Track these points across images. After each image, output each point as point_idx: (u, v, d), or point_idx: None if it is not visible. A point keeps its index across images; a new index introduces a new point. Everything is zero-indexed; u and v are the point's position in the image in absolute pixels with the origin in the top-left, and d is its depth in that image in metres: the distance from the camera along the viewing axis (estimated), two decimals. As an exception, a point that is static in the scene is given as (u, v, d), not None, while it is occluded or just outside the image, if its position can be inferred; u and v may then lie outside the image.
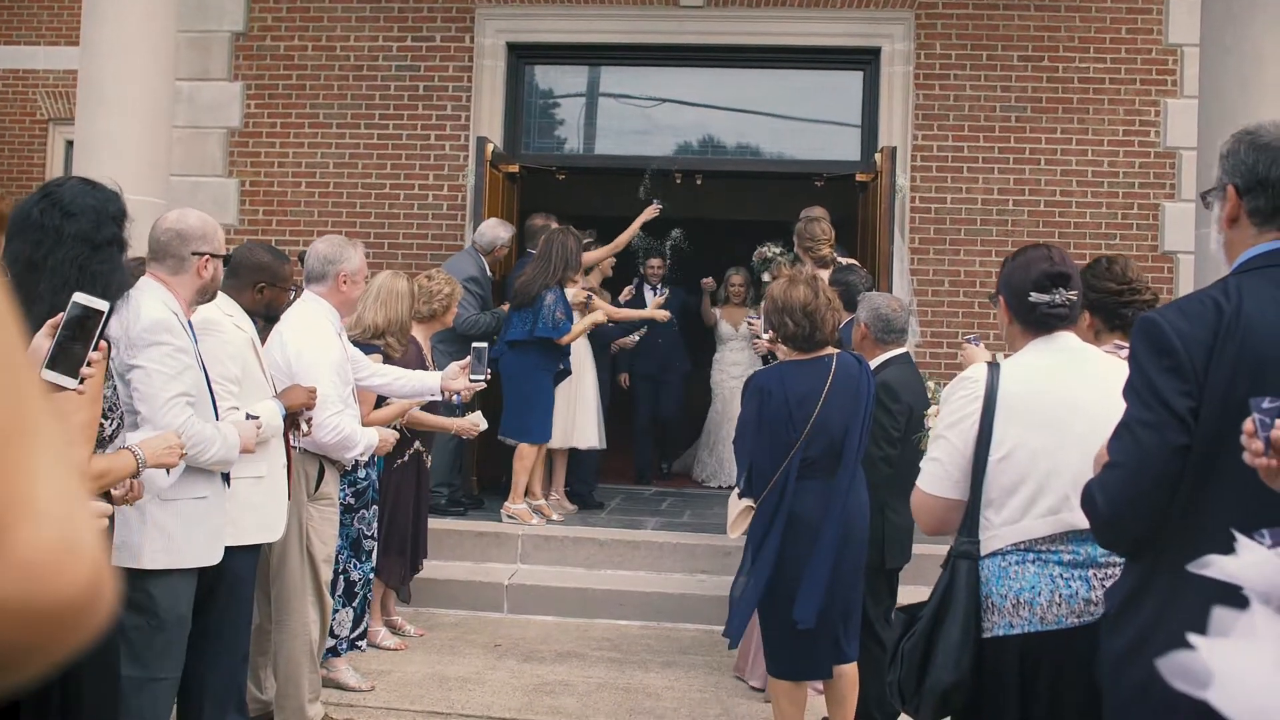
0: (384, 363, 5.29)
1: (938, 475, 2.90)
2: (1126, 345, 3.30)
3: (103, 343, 2.49)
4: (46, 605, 0.58)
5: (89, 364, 2.47)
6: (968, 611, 2.76)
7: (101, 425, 2.84)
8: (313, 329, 4.54)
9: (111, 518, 3.04)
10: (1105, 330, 3.45)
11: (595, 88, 9.54)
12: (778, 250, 8.26)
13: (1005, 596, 2.75)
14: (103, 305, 2.47)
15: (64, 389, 2.48)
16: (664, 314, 8.25)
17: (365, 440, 4.65)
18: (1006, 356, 3.00)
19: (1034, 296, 2.89)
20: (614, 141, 9.42)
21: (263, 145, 9.21)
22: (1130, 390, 2.20)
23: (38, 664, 0.60)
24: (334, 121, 9.13)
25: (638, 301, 9.13)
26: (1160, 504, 2.12)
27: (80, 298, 2.47)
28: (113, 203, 2.95)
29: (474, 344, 5.40)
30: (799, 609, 4.10)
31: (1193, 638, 1.26)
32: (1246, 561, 1.51)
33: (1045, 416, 2.80)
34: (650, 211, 8.35)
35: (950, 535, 2.94)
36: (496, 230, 7.83)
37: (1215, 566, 1.57)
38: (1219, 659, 1.22)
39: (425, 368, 5.78)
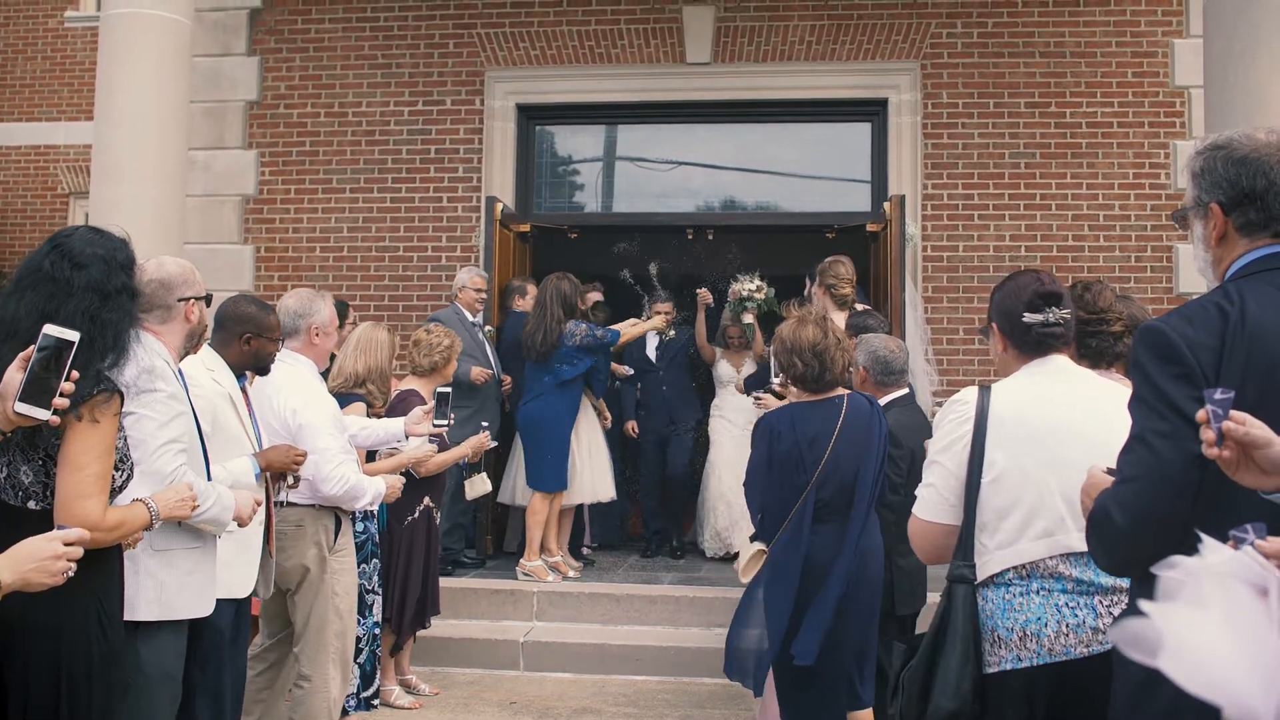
0: (366, 412, 5.31)
1: (932, 501, 2.85)
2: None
3: (74, 373, 2.47)
4: None
5: (61, 394, 2.45)
6: (966, 637, 2.69)
7: (113, 476, 2.83)
8: (303, 386, 4.56)
9: (122, 566, 3.01)
10: (1074, 358, 3.37)
11: (605, 146, 9.62)
12: (753, 288, 7.99)
13: (1011, 629, 2.68)
14: (73, 336, 2.46)
15: (37, 420, 2.46)
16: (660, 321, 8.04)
17: (373, 489, 4.63)
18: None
19: (1028, 317, 2.86)
20: (625, 199, 9.46)
21: (277, 211, 9.31)
22: (1138, 402, 2.10)
23: None
24: (347, 186, 9.23)
25: (639, 345, 8.64)
26: (1180, 517, 1.99)
27: (51, 329, 2.46)
28: (121, 250, 2.95)
29: (437, 389, 5.43)
30: (799, 644, 4.01)
31: (1143, 604, 1.21)
32: (1211, 561, 1.46)
33: (1036, 438, 2.74)
34: (658, 323, 8.06)
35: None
36: (460, 274, 7.95)
37: (1181, 568, 1.52)
38: (1168, 624, 1.17)
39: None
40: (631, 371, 8.49)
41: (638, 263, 8.95)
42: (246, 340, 4.05)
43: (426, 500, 5.80)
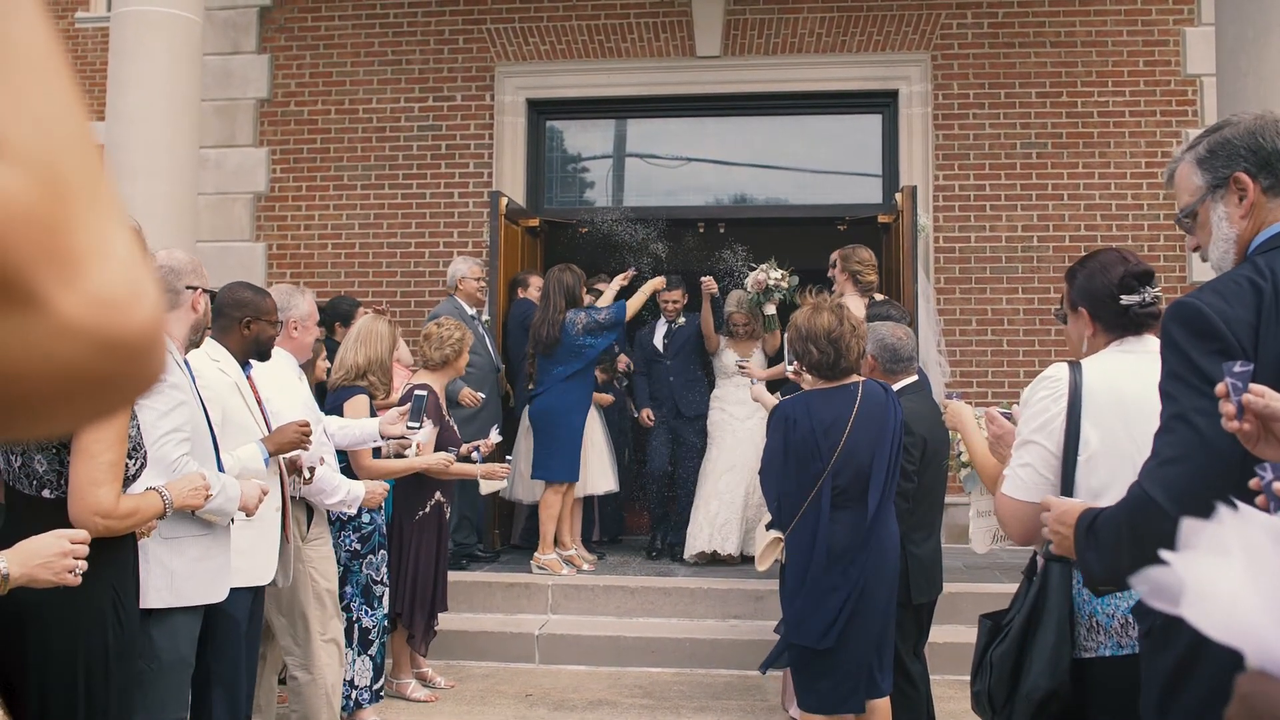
0: (370, 404, 5.32)
1: (1029, 481, 2.73)
2: None
3: None
4: (121, 337, 0.63)
5: None
6: (1061, 618, 2.64)
7: (125, 465, 2.84)
8: (277, 376, 4.56)
9: (136, 554, 3.03)
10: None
11: (615, 141, 9.61)
12: (778, 275, 7.57)
13: (1112, 616, 2.63)
14: None
15: None
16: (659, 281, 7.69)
17: (346, 488, 4.63)
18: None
19: (1125, 299, 2.78)
20: (636, 193, 9.43)
21: (289, 209, 9.32)
22: (1174, 380, 2.02)
23: (113, 399, 0.67)
24: (358, 183, 9.25)
25: (648, 336, 8.35)
26: (1223, 497, 1.93)
27: None
28: None
29: (415, 392, 5.39)
30: (807, 627, 4.01)
31: (1164, 553, 1.19)
32: (1233, 513, 1.44)
33: (1132, 416, 2.65)
34: (656, 283, 7.70)
35: (1038, 544, 2.78)
36: (456, 265, 7.86)
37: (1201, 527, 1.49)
38: (1189, 571, 1.15)
39: (442, 416, 5.78)
40: (630, 363, 8.35)
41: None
42: (247, 324, 4.05)
43: (438, 495, 5.78)
